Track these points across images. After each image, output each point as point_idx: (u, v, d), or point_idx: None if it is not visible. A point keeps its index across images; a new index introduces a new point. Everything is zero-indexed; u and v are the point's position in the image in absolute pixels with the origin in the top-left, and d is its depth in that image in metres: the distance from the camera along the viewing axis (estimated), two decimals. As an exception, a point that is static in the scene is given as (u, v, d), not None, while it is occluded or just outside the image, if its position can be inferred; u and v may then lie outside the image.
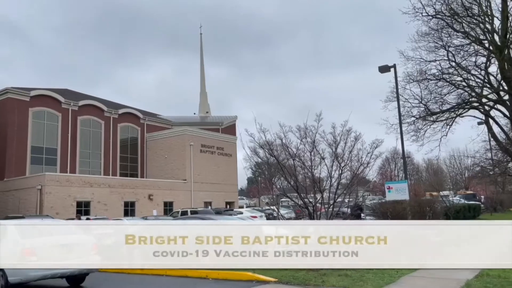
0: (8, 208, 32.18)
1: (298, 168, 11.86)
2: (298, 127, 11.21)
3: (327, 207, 11.26)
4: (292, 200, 12.28)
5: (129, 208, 36.13)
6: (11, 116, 35.26)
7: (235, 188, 48.99)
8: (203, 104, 63.59)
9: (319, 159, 11.27)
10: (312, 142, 11.06)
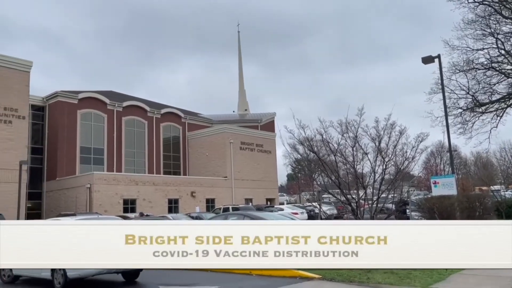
0: (60, 206, 33.86)
1: (340, 164, 11.72)
2: (339, 122, 11.08)
3: (371, 203, 11.08)
4: (334, 196, 12.17)
5: (172, 205, 37.04)
6: (61, 118, 36.99)
7: (275, 185, 49.06)
8: (242, 102, 64.00)
9: (362, 154, 11.09)
10: (354, 137, 10.90)
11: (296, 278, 9.03)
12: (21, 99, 29.84)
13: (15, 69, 29.68)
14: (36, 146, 37.02)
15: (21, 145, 29.31)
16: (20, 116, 29.59)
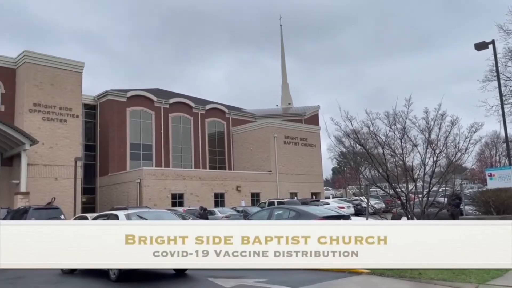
0: (112, 200, 35.37)
1: (388, 157, 11.41)
2: (387, 113, 10.76)
3: (421, 197, 10.71)
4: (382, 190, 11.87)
5: (219, 199, 37.66)
6: (111, 116, 38.54)
7: (320, 179, 48.62)
8: (285, 95, 63.78)
9: (411, 146, 10.72)
10: (402, 128, 10.54)
11: (344, 273, 8.92)
12: (75, 98, 31.37)
13: (68, 70, 31.22)
14: (89, 143, 38.83)
15: (75, 143, 30.85)
16: (74, 115, 31.11)
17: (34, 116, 29.11)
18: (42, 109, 29.50)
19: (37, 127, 28.83)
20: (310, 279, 8.47)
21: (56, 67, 30.53)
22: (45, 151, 29.00)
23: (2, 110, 29.33)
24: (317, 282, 8.12)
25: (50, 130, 29.56)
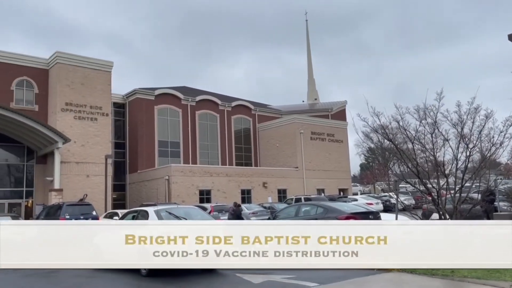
0: (142, 197, 36.05)
1: (418, 152, 11.13)
2: (417, 107, 10.47)
3: (453, 193, 10.41)
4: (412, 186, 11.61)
5: (245, 195, 37.80)
6: (140, 115, 39.23)
7: (347, 175, 48.07)
8: (311, 91, 63.25)
9: (442, 141, 10.41)
10: (434, 123, 10.25)
11: (373, 270, 8.79)
12: (105, 97, 32.10)
13: (98, 69, 31.95)
14: (119, 141, 39.67)
15: (106, 141, 31.58)
16: (104, 113, 31.84)
17: (66, 115, 29.96)
18: (73, 108, 30.33)
19: (69, 125, 29.68)
20: (338, 275, 8.38)
21: (86, 67, 31.31)
22: (77, 149, 29.83)
23: (36, 110, 30.32)
24: (346, 278, 8.04)
25: (82, 129, 30.37)
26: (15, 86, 30.02)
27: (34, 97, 30.71)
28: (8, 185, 29.41)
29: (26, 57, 31.18)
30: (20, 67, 30.32)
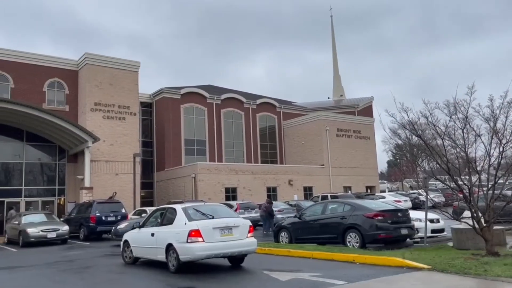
0: (169, 194, 36.59)
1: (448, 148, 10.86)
2: (446, 102, 10.20)
3: (486, 190, 10.11)
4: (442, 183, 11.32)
5: (271, 193, 37.79)
6: (166, 113, 39.78)
7: (375, 172, 47.39)
8: (337, 87, 62.64)
9: (474, 137, 10.11)
10: (465, 118, 9.96)
11: (402, 268, 8.65)
12: (132, 97, 32.69)
13: (125, 70, 32.57)
14: (146, 139, 40.35)
15: (134, 139, 32.18)
16: (132, 112, 32.44)
17: (95, 114, 30.69)
18: (102, 108, 31.03)
19: (98, 125, 30.39)
20: (366, 274, 8.29)
21: (114, 67, 31.96)
22: (106, 148, 30.53)
23: (67, 110, 31.18)
24: (374, 277, 7.92)
25: (110, 128, 31.04)
26: (47, 87, 30.96)
27: (65, 97, 31.59)
28: (41, 183, 30.39)
29: (57, 59, 32.10)
30: (51, 69, 31.24)
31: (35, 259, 14.05)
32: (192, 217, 9.40)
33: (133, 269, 10.59)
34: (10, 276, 10.47)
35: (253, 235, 9.88)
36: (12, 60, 29.79)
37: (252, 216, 23.43)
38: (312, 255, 11.09)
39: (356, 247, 11.96)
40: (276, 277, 8.33)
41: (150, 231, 10.37)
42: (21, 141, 29.58)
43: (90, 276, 9.95)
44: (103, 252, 15.26)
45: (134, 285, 8.55)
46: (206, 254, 8.99)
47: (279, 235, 14.73)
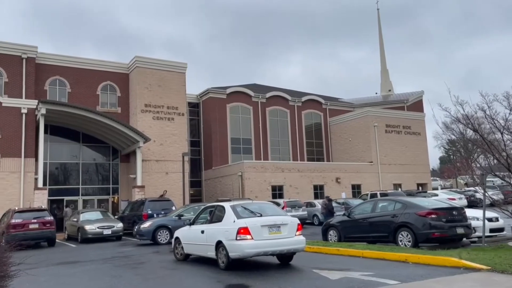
0: (217, 192, 37.22)
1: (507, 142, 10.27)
2: (506, 94, 9.63)
3: (551, 187, 9.46)
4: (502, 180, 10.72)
5: (318, 191, 37.46)
6: (213, 113, 40.45)
7: (426, 169, 45.67)
8: (385, 82, 60.94)
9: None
10: (526, 110, 9.37)
11: (459, 269, 8.29)
12: (180, 98, 33.53)
13: (173, 71, 33.46)
14: (194, 139, 41.24)
15: (182, 139, 33.01)
16: (180, 113, 33.28)
17: (146, 116, 31.77)
18: (152, 109, 32.08)
19: (148, 126, 31.44)
20: (420, 274, 8.03)
21: (162, 69, 32.93)
22: (156, 148, 31.53)
23: (119, 112, 32.50)
24: (429, 277, 7.65)
25: (160, 128, 32.02)
26: (100, 91, 32.41)
27: (117, 100, 32.94)
28: (96, 182, 31.90)
29: (109, 63, 33.53)
30: (104, 73, 32.67)
31: (93, 254, 14.78)
32: (240, 214, 9.51)
33: (185, 265, 10.87)
34: (72, 271, 11.07)
35: (301, 233, 9.85)
36: (68, 65, 31.45)
37: (299, 214, 23.37)
38: (362, 254, 10.88)
39: (408, 246, 11.60)
40: (326, 276, 8.25)
41: (200, 228, 10.60)
42: (78, 142, 31.18)
43: (144, 271, 10.32)
44: (155, 248, 15.77)
45: (186, 281, 8.77)
46: (255, 251, 9.05)
47: (327, 233, 14.58)
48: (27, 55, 29.06)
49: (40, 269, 11.09)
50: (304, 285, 7.65)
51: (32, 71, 29.26)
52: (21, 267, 5.35)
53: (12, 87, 28.44)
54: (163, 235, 17.41)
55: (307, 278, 8.24)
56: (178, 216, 17.87)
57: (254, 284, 7.83)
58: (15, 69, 28.71)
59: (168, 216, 18.54)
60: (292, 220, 9.71)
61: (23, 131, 26.24)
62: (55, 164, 30.17)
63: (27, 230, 18.25)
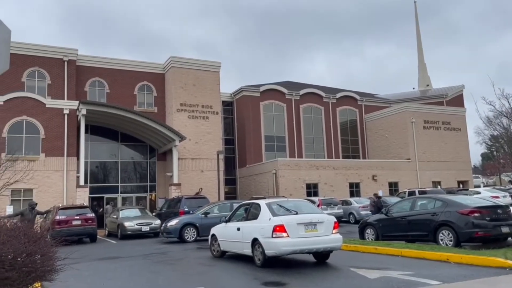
0: (251, 190, 37.37)
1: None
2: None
3: None
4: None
5: (354, 189, 36.93)
6: (247, 111, 40.62)
7: (467, 166, 44.05)
8: (423, 77, 59.16)
9: None
10: None
11: (505, 269, 7.94)
12: (214, 96, 33.89)
13: (207, 70, 33.85)
14: (228, 137, 41.56)
15: (217, 137, 33.36)
16: (214, 111, 33.65)
17: (181, 115, 32.31)
18: (187, 108, 32.60)
19: (184, 124, 31.97)
20: (463, 274, 7.75)
21: (197, 68, 33.39)
22: (191, 146, 32.02)
23: (156, 111, 33.21)
24: (473, 278, 7.37)
25: (195, 127, 32.49)
26: (137, 91, 33.24)
27: (153, 99, 33.67)
28: (134, 180, 32.77)
29: (145, 63, 34.32)
30: (141, 73, 33.48)
31: (132, 250, 15.18)
32: (276, 212, 9.50)
33: (221, 262, 10.99)
34: (113, 266, 11.43)
35: (338, 231, 9.73)
36: (106, 67, 32.44)
37: (335, 213, 23.11)
38: (400, 253, 10.63)
39: (450, 245, 11.23)
40: (364, 275, 8.11)
41: (236, 225, 10.67)
42: (117, 141, 32.12)
43: (182, 267, 10.51)
44: (192, 245, 16.02)
45: (223, 277, 8.86)
46: (291, 249, 9.02)
47: (364, 232, 14.33)
48: (68, 58, 30.20)
49: (83, 264, 11.50)
50: (341, 283, 7.55)
51: (73, 73, 30.39)
52: (66, 261, 5.56)
53: (54, 89, 29.66)
54: (190, 233, 17.36)
55: (344, 277, 8.13)
56: (205, 213, 17.85)
57: (290, 282, 7.81)
58: (57, 72, 29.91)
59: (194, 214, 18.58)
60: (329, 218, 9.61)
61: (65, 131, 27.33)
62: (95, 162, 31.21)
63: (70, 227, 18.98)
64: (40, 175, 26.01)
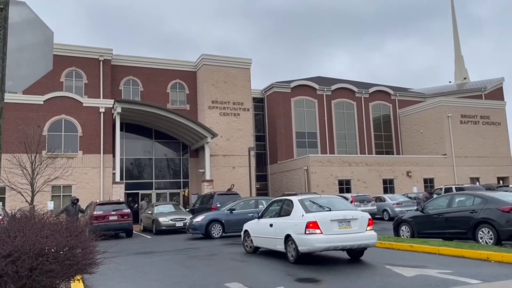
0: (283, 187, 37.33)
1: None
2: None
3: None
4: None
5: (387, 185, 36.24)
6: (277, 108, 40.54)
7: (508, 161, 42.33)
8: (459, 70, 57.19)
9: None
10: None
11: (551, 270, 7.60)
12: (245, 93, 34.00)
13: (238, 67, 34.00)
14: (259, 134, 41.63)
15: (248, 134, 33.49)
16: (245, 108, 33.77)
17: (213, 112, 32.63)
18: (218, 105, 32.88)
19: (215, 121, 32.27)
20: (505, 273, 7.48)
21: (228, 66, 33.60)
22: (223, 143, 32.29)
23: (188, 109, 33.68)
24: (516, 278, 7.10)
25: (226, 124, 32.74)
26: (170, 89, 33.81)
27: (186, 97, 34.16)
28: (168, 176, 33.38)
29: (177, 61, 34.83)
30: (173, 71, 34.02)
31: (167, 245, 15.50)
32: (309, 209, 9.45)
33: (254, 258, 11.04)
34: (149, 260, 11.70)
35: (372, 228, 9.58)
36: (140, 66, 33.16)
37: (368, 209, 22.76)
38: (438, 251, 10.37)
39: (490, 243, 10.85)
40: (400, 272, 7.96)
41: (269, 222, 10.69)
42: (151, 139, 32.80)
43: (216, 263, 10.63)
44: (219, 241, 16.17)
45: (256, 273, 8.90)
46: (325, 246, 8.96)
47: (399, 229, 14.05)
48: (103, 58, 31.05)
49: (120, 258, 11.84)
50: (376, 281, 7.44)
51: (108, 72, 31.23)
52: (105, 255, 5.74)
53: (91, 88, 30.59)
54: (216, 229, 17.42)
55: (379, 274, 8.00)
56: (230, 210, 17.89)
57: (324, 279, 7.76)
58: (94, 71, 30.82)
59: (220, 211, 18.66)
60: (363, 215, 9.48)
61: (101, 129, 28.12)
62: (130, 159, 32.00)
63: (107, 222, 19.57)
64: (78, 171, 26.90)
